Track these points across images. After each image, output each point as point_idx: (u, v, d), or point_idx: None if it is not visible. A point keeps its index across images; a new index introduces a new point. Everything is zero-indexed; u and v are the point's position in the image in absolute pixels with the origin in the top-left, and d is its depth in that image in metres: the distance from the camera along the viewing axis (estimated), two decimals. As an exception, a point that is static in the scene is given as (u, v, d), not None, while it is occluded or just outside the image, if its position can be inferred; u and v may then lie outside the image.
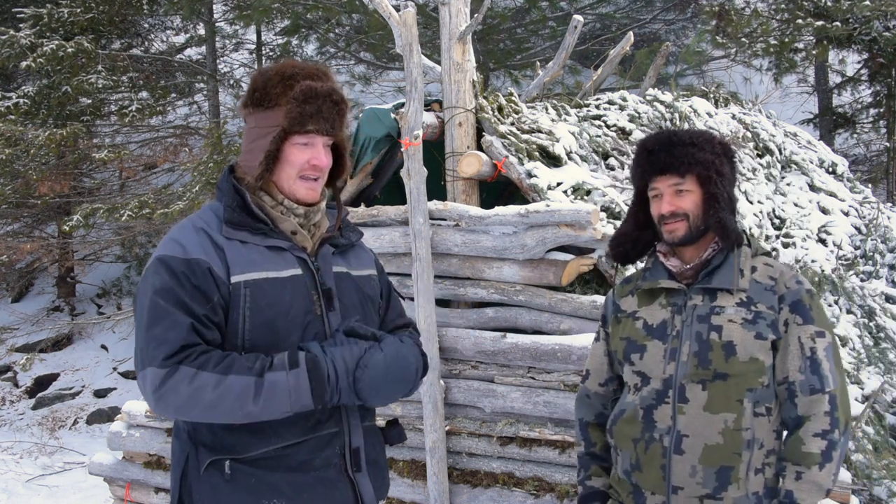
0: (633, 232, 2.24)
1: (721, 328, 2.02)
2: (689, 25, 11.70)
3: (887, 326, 4.39)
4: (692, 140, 2.09)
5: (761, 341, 2.01)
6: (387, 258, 4.02)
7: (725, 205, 2.07)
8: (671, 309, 2.11)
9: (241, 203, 1.84)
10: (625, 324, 2.20)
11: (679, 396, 2.03)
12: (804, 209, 5.33)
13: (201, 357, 1.68)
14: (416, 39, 3.80)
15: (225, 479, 1.77)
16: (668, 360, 2.07)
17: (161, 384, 1.67)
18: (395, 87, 11.65)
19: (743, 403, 2.00)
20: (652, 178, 2.12)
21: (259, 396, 1.67)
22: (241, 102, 1.90)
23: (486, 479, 3.77)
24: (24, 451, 7.76)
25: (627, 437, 2.12)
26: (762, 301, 2.04)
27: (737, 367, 2.00)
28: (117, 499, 4.62)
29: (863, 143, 11.54)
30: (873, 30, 9.21)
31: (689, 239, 2.09)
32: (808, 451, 1.96)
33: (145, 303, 1.73)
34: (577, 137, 4.40)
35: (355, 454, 1.90)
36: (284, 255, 1.85)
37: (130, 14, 10.88)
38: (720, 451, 1.99)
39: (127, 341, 10.11)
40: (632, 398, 2.14)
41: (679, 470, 2.01)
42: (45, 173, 9.39)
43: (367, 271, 2.06)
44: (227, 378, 1.66)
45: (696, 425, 2.01)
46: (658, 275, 2.16)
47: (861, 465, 3.34)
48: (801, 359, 2.00)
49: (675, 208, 2.07)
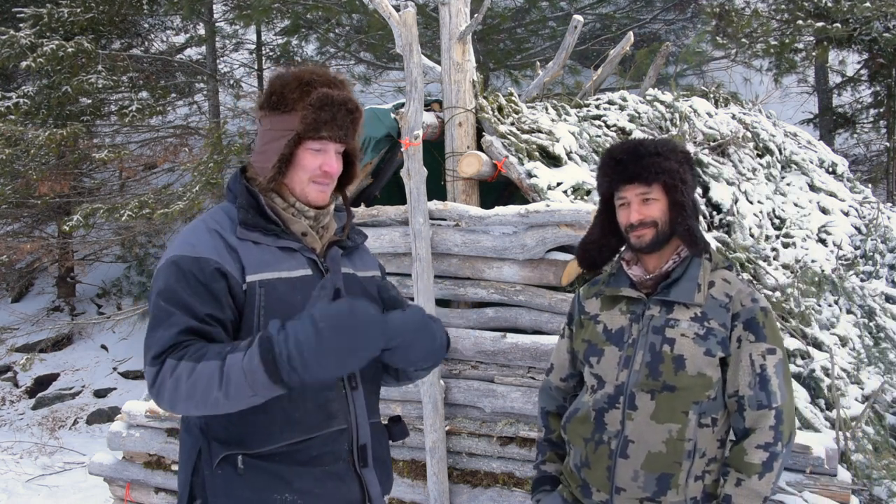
0: (599, 239, 2.31)
1: (674, 341, 2.10)
2: (689, 25, 11.70)
3: (887, 326, 4.39)
4: (657, 150, 2.15)
5: (710, 357, 2.09)
6: (387, 258, 4.02)
7: (691, 212, 2.14)
8: (630, 317, 2.19)
9: (255, 204, 1.87)
10: (587, 326, 2.29)
11: (629, 403, 2.12)
12: (804, 209, 5.33)
13: (184, 350, 1.68)
14: (416, 39, 3.80)
15: (238, 473, 1.79)
16: (621, 367, 2.15)
17: (153, 380, 1.69)
18: (395, 87, 11.65)
19: (688, 415, 2.09)
20: (619, 186, 2.18)
21: (221, 381, 1.61)
22: (257, 104, 1.93)
23: (486, 479, 3.77)
24: (24, 451, 7.76)
25: (579, 436, 2.22)
26: (715, 318, 2.11)
27: (685, 380, 2.08)
28: (117, 499, 4.61)
29: (863, 143, 11.54)
30: (873, 30, 9.21)
31: (656, 244, 2.15)
32: (749, 461, 2.05)
33: (153, 305, 1.77)
34: (577, 137, 4.40)
35: (362, 450, 1.93)
36: (295, 255, 1.88)
37: (130, 14, 10.87)
38: (662, 459, 2.08)
39: (127, 341, 10.11)
40: (587, 399, 2.23)
41: (623, 473, 2.12)
42: (45, 173, 9.38)
43: (372, 272, 2.11)
44: (199, 365, 1.63)
45: (641, 432, 2.10)
46: (620, 282, 2.25)
47: (861, 465, 3.34)
48: (751, 374, 2.08)
49: (644, 217, 2.14)
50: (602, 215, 2.31)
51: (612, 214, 2.26)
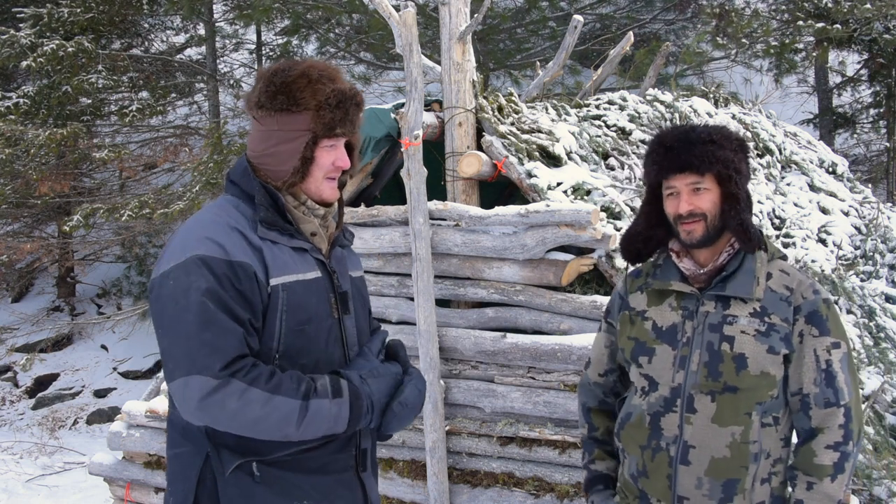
0: (645, 230, 2.17)
1: (733, 339, 1.97)
2: (689, 25, 11.69)
3: (887, 326, 4.39)
4: (711, 136, 2.01)
5: (773, 355, 1.96)
6: (387, 258, 4.02)
7: (745, 205, 2.01)
8: (682, 313, 2.06)
9: (273, 204, 1.83)
10: (633, 322, 2.14)
11: (687, 406, 2.00)
12: (804, 209, 5.33)
13: (252, 372, 1.67)
14: (416, 39, 3.80)
15: (255, 480, 1.77)
16: (677, 368, 2.02)
17: (209, 394, 1.63)
18: (395, 87, 11.63)
19: (751, 416, 1.97)
20: (668, 175, 2.03)
21: (302, 421, 1.69)
22: (253, 102, 1.85)
23: (486, 479, 3.77)
24: (24, 451, 7.76)
25: (634, 443, 2.09)
26: (776, 312, 1.99)
27: (747, 380, 1.96)
28: (117, 499, 4.61)
29: (863, 143, 11.53)
30: (873, 30, 9.21)
31: (707, 240, 2.02)
32: (820, 462, 1.94)
33: (191, 303, 1.67)
34: (577, 137, 4.40)
35: (363, 455, 1.94)
36: (306, 256, 1.86)
37: (130, 14, 10.85)
38: (727, 464, 1.96)
39: (127, 341, 10.10)
40: (639, 402, 2.11)
41: (685, 481, 1.99)
42: (45, 173, 9.37)
43: (360, 272, 2.10)
44: (275, 398, 1.66)
45: (703, 437, 1.98)
46: (670, 275, 2.10)
47: (861, 465, 3.34)
48: (816, 371, 1.97)
49: (694, 208, 2.00)
50: (649, 205, 2.15)
51: (659, 204, 2.11)
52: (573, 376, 3.52)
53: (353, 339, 1.92)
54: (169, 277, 1.72)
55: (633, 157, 4.59)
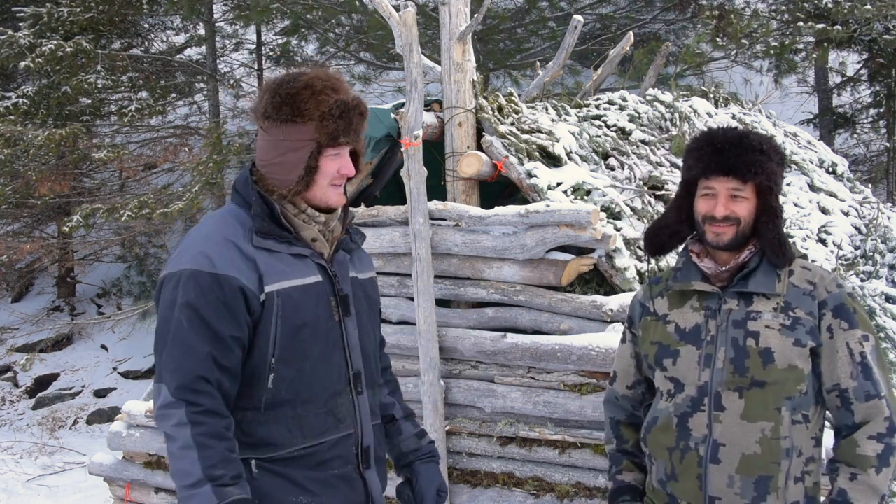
0: (674, 224, 2.14)
1: (758, 334, 1.96)
2: (689, 25, 11.68)
3: (887, 326, 4.39)
4: (762, 146, 1.99)
5: (800, 348, 1.95)
6: (387, 258, 4.02)
7: (780, 220, 2.00)
8: (705, 313, 2.04)
9: (269, 213, 1.87)
10: (655, 327, 2.12)
11: (715, 404, 1.98)
12: (804, 209, 5.33)
13: (202, 415, 1.73)
14: (416, 39, 3.80)
15: (253, 477, 1.82)
16: (702, 367, 2.00)
17: (164, 407, 1.76)
18: (395, 87, 11.63)
19: (781, 412, 1.95)
20: (711, 175, 2.01)
21: (189, 489, 1.71)
22: (260, 112, 1.90)
23: (486, 479, 3.77)
24: (24, 451, 7.76)
25: (662, 446, 2.06)
26: (801, 306, 1.98)
27: (775, 374, 1.94)
28: (117, 499, 4.61)
29: (863, 143, 11.54)
30: (873, 31, 9.21)
31: (734, 245, 2.01)
32: (863, 453, 1.92)
33: (169, 316, 1.79)
34: (577, 137, 4.40)
35: (366, 452, 1.97)
36: (306, 262, 1.90)
37: (130, 14, 10.85)
38: (758, 461, 1.94)
39: (127, 341, 10.11)
40: (665, 405, 2.07)
41: (716, 480, 1.97)
42: (45, 173, 9.37)
43: (370, 273, 2.13)
44: (190, 453, 1.71)
45: (733, 434, 1.96)
46: (690, 276, 2.08)
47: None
48: (851, 364, 1.95)
49: (730, 212, 1.98)
50: (681, 200, 2.12)
51: (691, 201, 2.09)
52: (573, 376, 3.52)
53: (354, 340, 1.96)
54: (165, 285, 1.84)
55: (633, 157, 4.59)
